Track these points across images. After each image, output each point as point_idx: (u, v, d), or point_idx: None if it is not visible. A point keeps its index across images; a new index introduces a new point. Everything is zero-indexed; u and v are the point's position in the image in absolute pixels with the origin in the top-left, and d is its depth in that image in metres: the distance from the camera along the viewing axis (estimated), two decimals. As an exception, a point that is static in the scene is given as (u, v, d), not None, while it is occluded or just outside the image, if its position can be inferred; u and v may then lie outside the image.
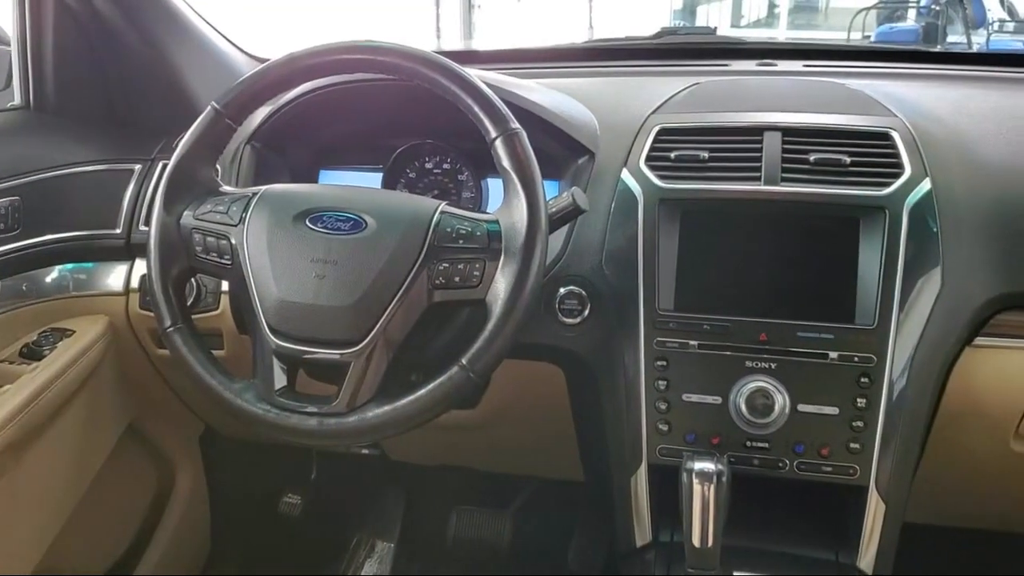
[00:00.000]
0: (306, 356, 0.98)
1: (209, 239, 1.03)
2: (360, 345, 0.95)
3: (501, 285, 0.94)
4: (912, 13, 8.50)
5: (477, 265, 0.95)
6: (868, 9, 8.14)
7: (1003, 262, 1.09)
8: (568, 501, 1.92)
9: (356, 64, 1.03)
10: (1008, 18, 6.87)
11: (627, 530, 1.20)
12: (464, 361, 0.94)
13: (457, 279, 0.96)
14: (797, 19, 13.93)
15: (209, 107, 1.05)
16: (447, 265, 0.96)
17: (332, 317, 0.96)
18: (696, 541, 1.02)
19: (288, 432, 0.98)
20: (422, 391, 0.95)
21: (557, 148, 1.24)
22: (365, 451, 1.74)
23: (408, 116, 1.31)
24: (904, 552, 1.15)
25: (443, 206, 1.00)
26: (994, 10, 6.88)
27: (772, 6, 15.23)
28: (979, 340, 1.11)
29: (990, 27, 6.79)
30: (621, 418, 1.16)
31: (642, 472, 1.16)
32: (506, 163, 0.97)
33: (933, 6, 7.07)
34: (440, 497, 2.03)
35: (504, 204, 0.98)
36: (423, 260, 0.96)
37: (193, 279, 1.27)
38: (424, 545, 2.01)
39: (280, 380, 1.00)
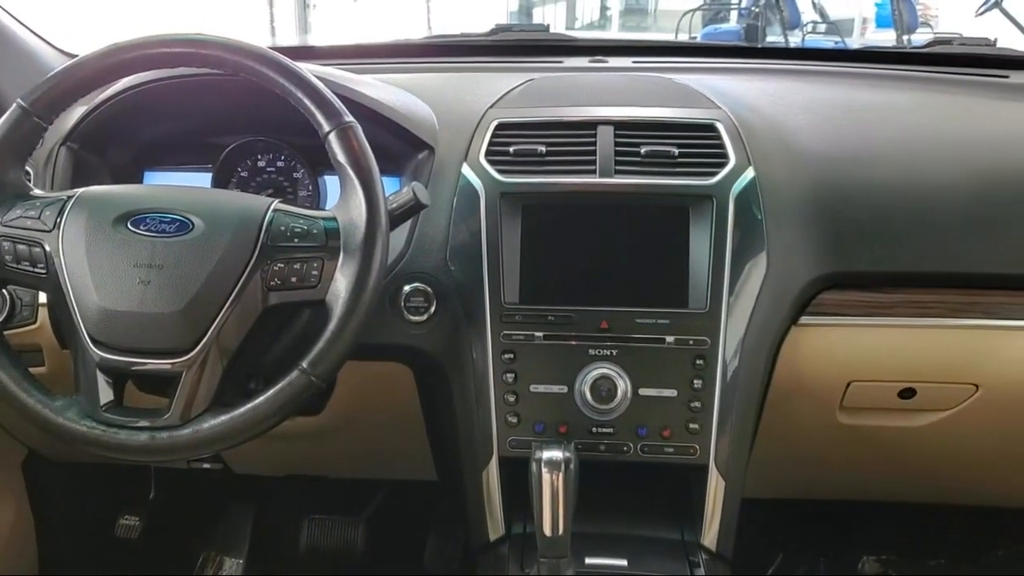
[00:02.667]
0: (134, 368, 0.92)
1: (20, 247, 0.96)
2: (191, 353, 0.91)
3: (341, 284, 0.92)
4: (735, 15, 8.99)
5: (315, 264, 0.93)
6: (693, 11, 8.54)
7: (822, 245, 1.16)
8: (422, 502, 1.91)
9: (177, 58, 0.98)
10: (820, 20, 7.38)
11: (480, 525, 1.20)
12: (305, 365, 0.91)
13: (294, 279, 0.93)
14: (628, 21, 14.43)
15: (14, 104, 0.97)
16: (282, 265, 0.93)
17: (159, 325, 0.91)
18: (547, 530, 1.02)
19: (117, 449, 0.93)
20: (260, 399, 0.91)
21: (396, 143, 1.22)
22: (206, 465, 1.66)
23: (238, 112, 1.26)
24: (745, 527, 1.20)
25: (276, 204, 0.97)
26: (807, 13, 7.37)
27: (604, 8, 15.69)
28: (804, 319, 1.17)
29: (804, 28, 7.29)
30: (471, 413, 1.15)
31: (493, 466, 1.16)
32: (341, 157, 0.94)
33: (753, 8, 7.48)
34: (290, 508, 1.97)
35: (341, 200, 0.95)
36: (256, 261, 0.92)
37: (5, 291, 1.19)
38: (276, 558, 1.95)
39: (106, 395, 0.94)
